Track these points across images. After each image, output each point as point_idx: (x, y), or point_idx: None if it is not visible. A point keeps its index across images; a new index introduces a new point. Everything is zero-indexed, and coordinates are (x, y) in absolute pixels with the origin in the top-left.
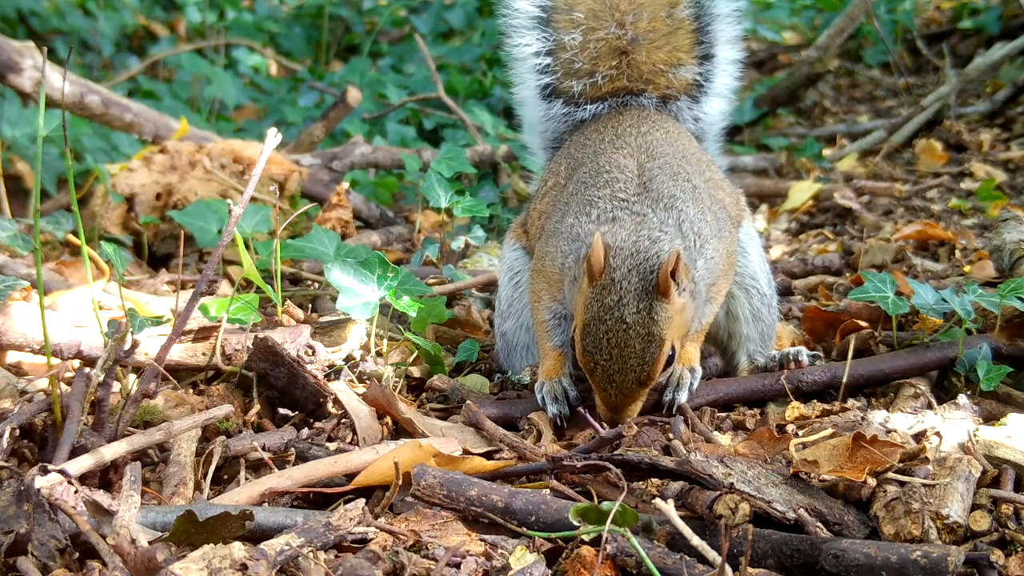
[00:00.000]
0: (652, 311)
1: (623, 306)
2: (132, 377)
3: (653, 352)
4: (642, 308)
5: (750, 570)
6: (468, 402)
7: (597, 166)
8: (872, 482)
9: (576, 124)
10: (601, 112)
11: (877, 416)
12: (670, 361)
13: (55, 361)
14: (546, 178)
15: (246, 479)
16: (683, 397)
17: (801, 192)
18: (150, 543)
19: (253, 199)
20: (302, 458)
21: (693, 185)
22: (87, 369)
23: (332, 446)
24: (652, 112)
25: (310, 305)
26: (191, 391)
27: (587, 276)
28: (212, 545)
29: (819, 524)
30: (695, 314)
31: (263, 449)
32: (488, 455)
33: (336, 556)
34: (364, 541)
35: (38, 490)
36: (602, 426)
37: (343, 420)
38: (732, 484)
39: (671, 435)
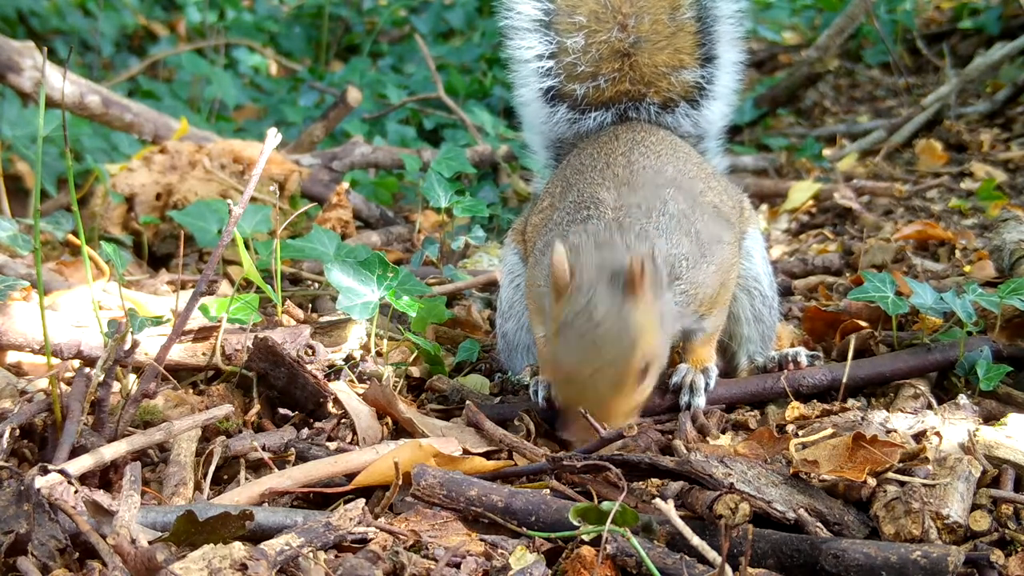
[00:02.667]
0: (623, 310)
1: (592, 307)
2: (132, 377)
3: (627, 351)
4: (612, 306)
5: (750, 570)
6: (469, 403)
7: (580, 198)
8: (872, 482)
9: (580, 132)
10: (605, 121)
11: (877, 416)
12: (645, 373)
13: (55, 361)
14: (543, 197)
15: (246, 479)
16: (701, 402)
17: (801, 192)
18: (150, 543)
19: (253, 199)
20: (302, 458)
21: (670, 215)
22: (87, 369)
23: (332, 446)
24: (649, 134)
25: (310, 305)
26: (191, 391)
27: (553, 293)
28: (212, 545)
29: (819, 524)
30: (667, 348)
31: (263, 449)
32: (488, 455)
33: (336, 556)
34: (364, 541)
35: (38, 490)
36: (602, 426)
37: (343, 420)
38: (732, 484)
39: (672, 435)
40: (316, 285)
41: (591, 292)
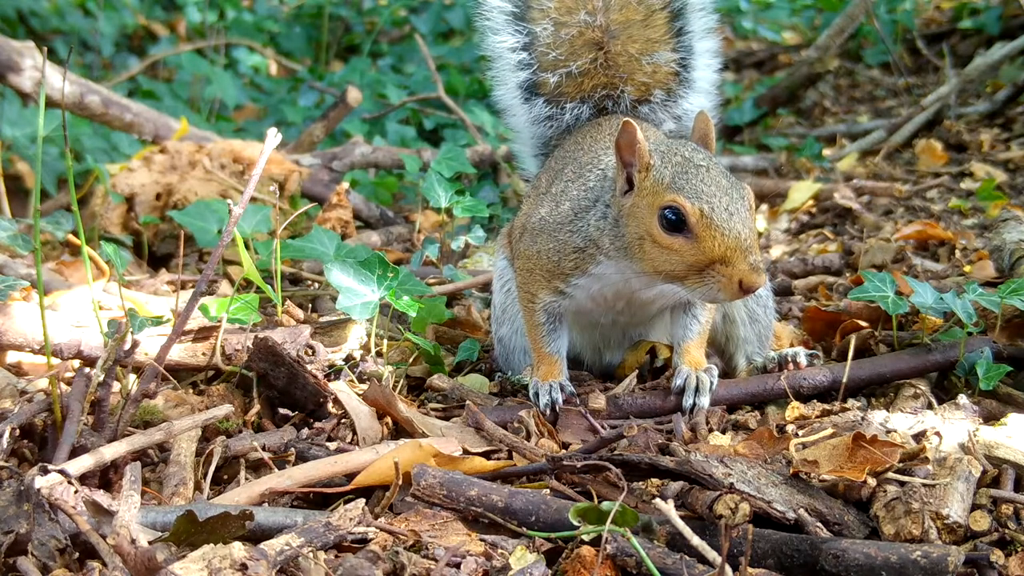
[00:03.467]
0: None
1: (696, 150)
2: (132, 377)
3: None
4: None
5: (750, 570)
6: (469, 402)
7: (579, 165)
8: (872, 482)
9: (561, 130)
10: (582, 115)
11: (877, 416)
12: None
13: (55, 361)
14: (528, 194)
15: (246, 479)
16: (705, 401)
17: (801, 192)
18: (150, 543)
19: (253, 199)
20: (302, 458)
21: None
22: (87, 369)
23: (332, 446)
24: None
25: (310, 305)
26: (191, 391)
27: (639, 164)
28: (212, 545)
29: (819, 524)
30: None
31: (263, 449)
32: (488, 455)
33: (336, 556)
34: (364, 541)
35: (38, 490)
36: (602, 426)
37: (343, 420)
38: (732, 484)
39: (672, 435)
40: (316, 285)
41: (680, 143)
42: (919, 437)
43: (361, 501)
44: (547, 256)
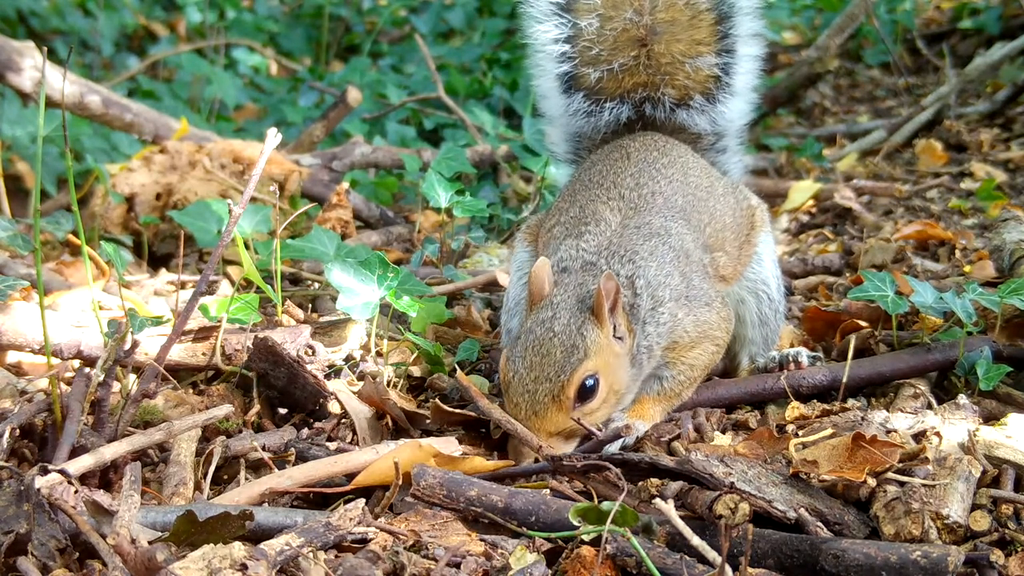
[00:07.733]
0: (583, 327)
1: (555, 319)
2: (132, 377)
3: (573, 365)
4: (572, 322)
5: (750, 570)
6: (459, 375)
7: (582, 213)
8: (872, 482)
9: (598, 127)
10: (621, 115)
11: (877, 416)
12: (589, 394)
13: (55, 361)
14: (554, 212)
15: (246, 479)
16: (613, 447)
17: (801, 192)
18: (150, 543)
19: (253, 199)
20: (302, 458)
21: (671, 246)
22: (87, 369)
23: (332, 446)
24: (662, 154)
25: (310, 305)
26: (191, 391)
27: (528, 304)
28: (212, 545)
29: (819, 524)
30: (632, 386)
31: (263, 449)
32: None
33: (336, 556)
34: (364, 541)
35: (38, 490)
36: (597, 428)
37: (343, 420)
38: (732, 484)
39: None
40: (316, 285)
41: (557, 306)
42: (919, 437)
43: (361, 501)
44: None
